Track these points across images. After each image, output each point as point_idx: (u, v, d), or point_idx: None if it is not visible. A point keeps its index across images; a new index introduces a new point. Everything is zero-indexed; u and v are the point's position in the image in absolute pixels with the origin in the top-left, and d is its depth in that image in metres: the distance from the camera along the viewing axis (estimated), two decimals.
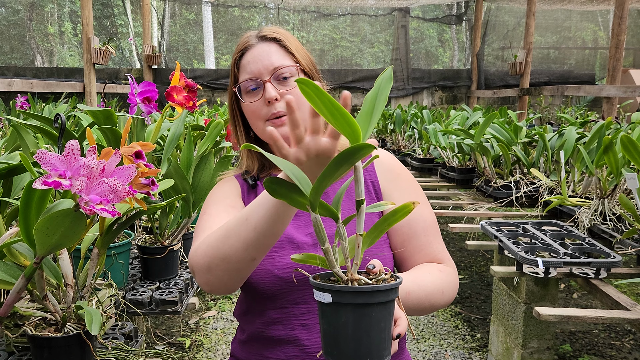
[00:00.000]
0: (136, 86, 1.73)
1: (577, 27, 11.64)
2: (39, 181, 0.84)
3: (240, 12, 13.06)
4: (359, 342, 0.67)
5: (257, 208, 0.82)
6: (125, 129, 1.23)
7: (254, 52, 1.04)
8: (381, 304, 0.67)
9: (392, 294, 0.68)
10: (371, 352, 0.67)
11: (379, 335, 0.67)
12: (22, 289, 1.01)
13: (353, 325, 0.66)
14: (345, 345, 0.67)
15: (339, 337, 0.67)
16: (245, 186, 1.10)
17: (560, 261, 1.89)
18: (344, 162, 0.61)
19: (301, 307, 0.96)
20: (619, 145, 2.00)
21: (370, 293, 0.66)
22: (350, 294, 0.66)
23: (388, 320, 0.69)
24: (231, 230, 0.85)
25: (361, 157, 0.62)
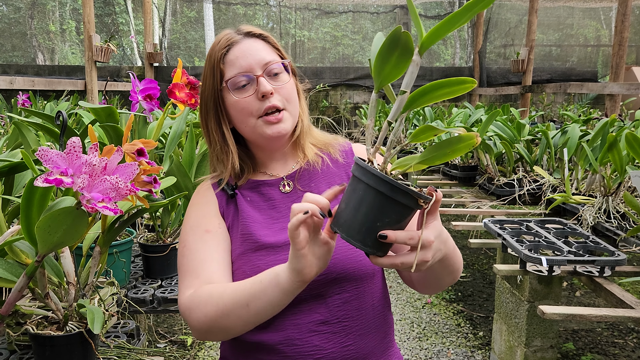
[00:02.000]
0: (138, 83, 1.72)
1: (580, 24, 11.60)
2: (41, 179, 0.83)
3: (243, 9, 13.04)
4: (345, 213, 0.74)
5: (260, 297, 0.87)
6: (127, 127, 1.22)
7: (242, 47, 1.02)
8: (373, 189, 0.71)
9: (385, 186, 0.70)
10: (345, 225, 0.74)
11: (362, 217, 0.72)
12: (23, 287, 1.00)
13: (349, 194, 0.74)
14: (338, 209, 0.76)
15: (347, 207, 0.75)
16: (224, 197, 1.06)
17: (564, 259, 1.88)
18: (394, 46, 0.67)
19: (293, 309, 0.95)
20: (624, 143, 1.99)
21: (362, 169, 0.72)
22: (356, 166, 0.74)
23: (376, 211, 0.71)
24: (230, 310, 0.89)
25: (406, 44, 0.66)
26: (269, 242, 0.98)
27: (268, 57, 1.02)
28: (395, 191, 0.70)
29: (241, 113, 1.02)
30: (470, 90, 6.90)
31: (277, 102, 1.00)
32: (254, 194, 1.06)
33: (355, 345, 0.96)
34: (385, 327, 1.03)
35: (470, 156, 3.64)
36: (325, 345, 0.94)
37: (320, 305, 0.95)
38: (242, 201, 1.04)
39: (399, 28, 0.64)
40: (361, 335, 0.97)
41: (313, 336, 0.94)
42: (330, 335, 0.95)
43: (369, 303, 0.99)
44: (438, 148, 0.71)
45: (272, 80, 1.01)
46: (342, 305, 0.96)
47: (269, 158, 1.09)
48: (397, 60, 0.68)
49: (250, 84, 1.00)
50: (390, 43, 0.66)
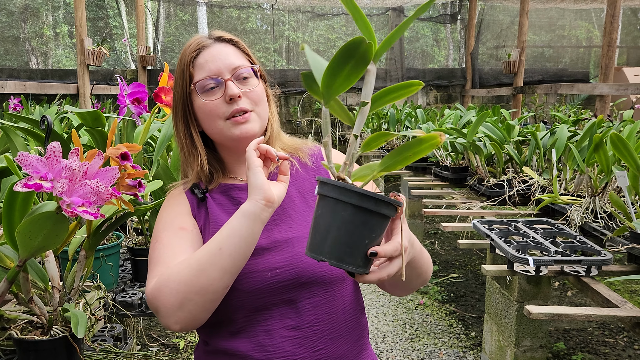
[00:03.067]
0: (126, 87, 1.72)
1: (571, 25, 11.67)
2: (20, 184, 0.83)
3: (236, 12, 13.04)
4: (325, 238, 0.69)
5: (230, 236, 0.86)
6: (111, 130, 1.22)
7: (212, 51, 1.03)
8: (353, 206, 0.68)
9: (368, 202, 0.68)
10: (332, 251, 0.69)
11: (345, 238, 0.69)
12: (4, 292, 1.00)
13: (324, 219, 0.70)
14: (314, 237, 0.71)
15: (314, 229, 0.71)
16: (195, 200, 1.06)
17: (551, 259, 1.90)
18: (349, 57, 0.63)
19: (264, 314, 0.95)
20: (609, 144, 2.01)
21: (343, 189, 0.68)
22: (327, 186, 0.70)
23: (360, 229, 0.69)
24: (205, 262, 0.86)
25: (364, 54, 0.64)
26: None
27: (237, 61, 1.03)
28: (379, 204, 0.69)
29: (209, 116, 1.02)
30: (463, 92, 6.93)
31: (245, 105, 1.01)
32: (224, 197, 1.06)
33: (326, 349, 0.96)
34: (358, 330, 1.03)
35: (461, 157, 3.66)
36: (297, 350, 0.94)
37: (291, 310, 0.95)
38: (213, 205, 1.04)
39: (359, 38, 0.62)
40: (333, 339, 0.97)
41: (285, 341, 0.94)
42: (302, 340, 0.94)
43: (340, 307, 0.99)
44: (398, 153, 0.71)
45: (241, 84, 1.02)
46: (312, 309, 0.96)
47: (238, 162, 1.09)
48: (350, 72, 0.66)
49: (218, 87, 1.01)
50: (345, 54, 0.63)
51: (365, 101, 0.69)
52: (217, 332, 1.00)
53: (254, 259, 0.95)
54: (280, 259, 0.95)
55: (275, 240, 0.98)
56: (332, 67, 0.64)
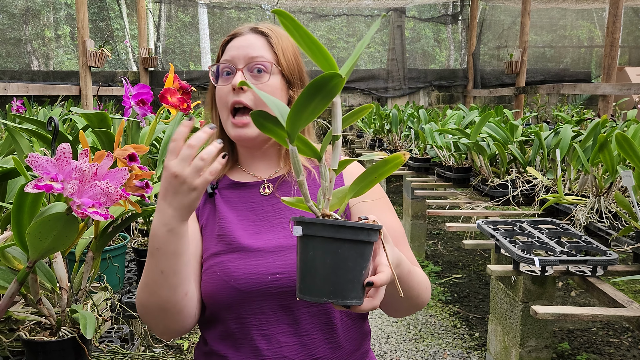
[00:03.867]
0: (130, 88, 1.72)
1: (573, 25, 11.67)
2: (31, 185, 0.83)
3: (237, 13, 13.06)
4: (324, 279, 0.68)
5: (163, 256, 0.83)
6: (119, 132, 1.22)
7: (241, 40, 1.02)
8: (349, 241, 0.67)
9: (362, 234, 0.68)
10: (335, 290, 0.68)
11: (345, 274, 0.68)
12: (15, 293, 1.00)
13: (319, 260, 0.68)
14: (311, 280, 0.69)
15: (307, 271, 0.69)
16: (204, 194, 1.05)
17: (557, 259, 1.89)
18: (317, 93, 0.62)
19: (259, 318, 0.94)
20: (614, 143, 2.01)
21: (336, 227, 0.67)
22: (317, 226, 0.67)
23: (358, 262, 0.68)
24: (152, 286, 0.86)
25: (333, 88, 0.62)
26: (243, 245, 0.96)
27: (256, 53, 1.00)
28: (371, 234, 0.69)
29: (219, 102, 1.02)
30: (465, 92, 6.94)
31: (245, 100, 0.98)
32: (233, 194, 1.04)
33: (325, 357, 0.95)
34: (359, 339, 1.02)
35: (464, 157, 3.66)
36: (295, 356, 0.93)
37: (288, 317, 0.94)
38: (220, 201, 1.03)
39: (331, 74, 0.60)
40: (332, 349, 0.96)
41: (282, 347, 0.93)
42: (300, 347, 0.93)
43: (338, 318, 0.97)
44: (365, 177, 0.72)
45: (253, 78, 1.00)
46: (310, 318, 0.94)
47: (250, 155, 1.08)
48: (316, 106, 0.64)
49: (231, 74, 1.01)
50: (313, 89, 0.61)
51: (337, 134, 0.69)
52: (214, 332, 0.99)
53: (256, 259, 0.94)
54: (282, 264, 0.94)
55: (279, 245, 0.96)
56: (298, 104, 0.63)
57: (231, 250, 0.96)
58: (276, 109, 0.65)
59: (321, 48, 0.63)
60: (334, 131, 0.68)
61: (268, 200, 1.03)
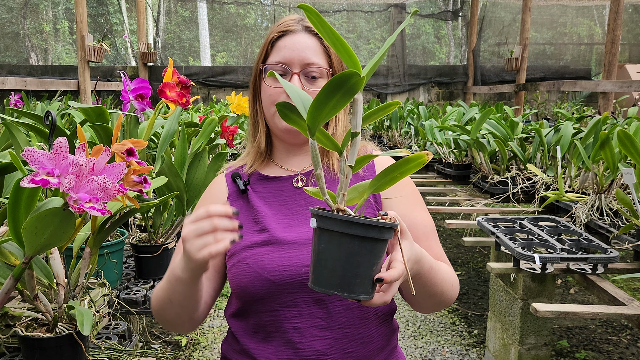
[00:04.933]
0: (129, 83, 1.71)
1: (573, 22, 11.65)
2: (27, 179, 0.82)
3: (236, 9, 13.02)
4: (333, 272, 0.69)
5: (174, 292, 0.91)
6: (117, 126, 1.21)
7: (295, 38, 1.01)
8: (359, 237, 0.68)
9: (373, 231, 0.69)
10: (342, 283, 0.69)
11: (354, 269, 0.69)
12: (10, 289, 0.99)
13: (329, 253, 0.69)
14: (321, 272, 0.71)
15: (318, 263, 0.71)
16: (235, 189, 1.07)
17: (557, 257, 1.88)
18: (337, 89, 0.63)
19: (292, 310, 0.94)
20: (616, 140, 2.00)
21: (347, 223, 0.68)
22: (329, 220, 0.69)
23: (367, 258, 0.69)
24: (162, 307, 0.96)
25: (353, 86, 0.63)
26: (277, 238, 0.97)
27: (313, 58, 1.00)
28: (383, 232, 0.70)
29: (267, 99, 1.03)
30: (465, 89, 6.90)
31: None
32: (265, 188, 1.06)
33: (357, 352, 0.95)
34: (388, 334, 1.03)
35: (464, 154, 3.64)
36: (328, 350, 0.93)
37: (321, 310, 0.94)
38: (254, 196, 1.05)
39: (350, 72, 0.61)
40: (364, 344, 0.96)
41: (315, 340, 0.93)
42: (333, 342, 0.94)
43: (372, 312, 0.98)
44: (386, 174, 0.72)
45: (308, 83, 1.01)
46: (343, 312, 0.95)
47: (287, 151, 1.09)
48: (337, 102, 0.65)
49: (285, 75, 1.01)
50: (334, 86, 0.63)
51: (357, 131, 0.69)
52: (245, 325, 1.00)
53: (290, 252, 0.95)
54: None
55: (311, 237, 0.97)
56: (319, 99, 0.64)
57: (265, 243, 0.97)
58: (300, 102, 0.67)
59: (345, 45, 0.64)
60: (354, 128, 0.69)
61: (300, 193, 1.04)
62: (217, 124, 2.06)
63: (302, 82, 1.00)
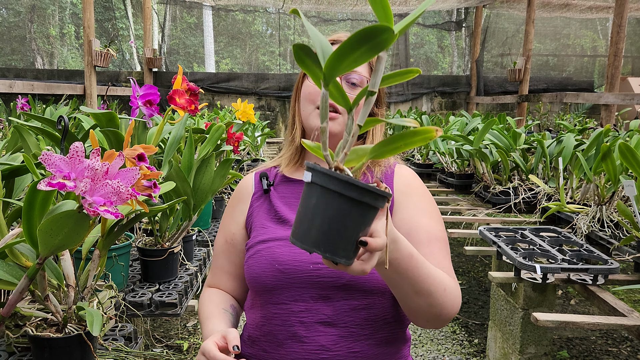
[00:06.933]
0: (138, 89, 1.74)
1: (576, 34, 11.70)
2: (44, 182, 0.85)
3: (242, 16, 13.10)
4: (319, 230, 0.67)
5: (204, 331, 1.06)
6: (128, 132, 1.24)
7: None
8: (353, 200, 0.66)
9: (368, 196, 0.66)
10: (326, 243, 0.67)
11: (342, 231, 0.67)
12: (24, 289, 1.01)
13: (319, 210, 0.67)
14: (306, 228, 0.68)
15: (305, 218, 0.68)
16: (261, 188, 1.15)
17: (558, 267, 1.90)
18: (364, 42, 0.59)
19: (300, 305, 0.97)
20: (617, 153, 2.02)
21: (344, 183, 0.65)
22: (327, 177, 0.66)
23: (357, 222, 0.67)
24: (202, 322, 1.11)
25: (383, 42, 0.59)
26: None
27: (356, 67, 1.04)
28: (378, 199, 0.67)
29: (306, 97, 1.09)
30: (468, 99, 6.93)
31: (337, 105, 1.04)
32: (287, 189, 1.12)
33: (363, 353, 0.97)
34: (399, 343, 1.04)
35: (466, 164, 3.67)
36: (332, 347, 0.95)
37: (327, 307, 0.97)
38: (275, 197, 1.11)
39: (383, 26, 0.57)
40: (370, 346, 0.98)
41: (321, 336, 0.96)
42: (337, 339, 0.96)
43: (380, 316, 0.99)
44: (391, 142, 0.68)
45: (348, 88, 1.06)
46: (350, 311, 0.97)
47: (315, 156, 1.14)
48: (360, 56, 0.61)
49: None
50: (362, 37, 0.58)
51: (374, 90, 0.65)
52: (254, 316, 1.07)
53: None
54: None
55: None
56: (343, 48, 0.59)
57: (280, 238, 1.03)
58: (320, 48, 0.62)
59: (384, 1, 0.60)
60: (371, 86, 0.65)
61: None
62: (224, 131, 2.08)
63: (342, 84, 1.05)
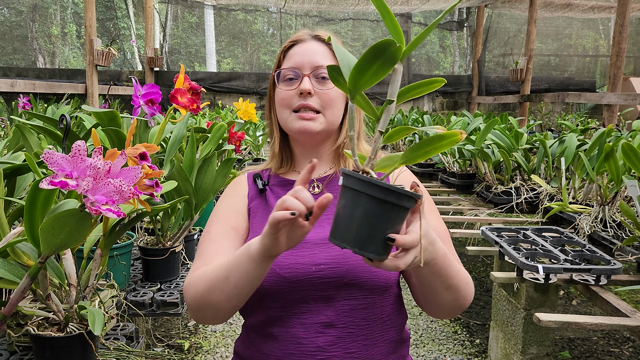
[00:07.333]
0: (140, 88, 1.73)
1: (578, 34, 11.68)
2: (46, 181, 0.84)
3: (243, 15, 13.10)
4: (349, 228, 0.73)
5: (236, 268, 0.88)
6: (130, 131, 1.23)
7: (304, 46, 1.09)
8: (378, 200, 0.71)
9: (391, 196, 0.71)
10: (354, 239, 0.73)
11: (369, 229, 0.73)
12: (26, 288, 1.01)
13: (349, 210, 0.73)
14: (339, 226, 0.75)
15: (338, 217, 0.75)
16: (255, 189, 1.12)
17: (561, 267, 1.90)
18: (377, 57, 0.66)
19: (301, 307, 0.97)
20: (620, 153, 2.01)
21: (368, 184, 0.71)
22: (354, 180, 0.73)
23: (383, 220, 0.73)
24: (214, 284, 0.92)
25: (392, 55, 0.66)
26: None
27: (322, 61, 1.06)
28: (401, 198, 0.72)
29: (280, 103, 1.08)
30: (470, 99, 6.91)
31: (313, 104, 1.05)
32: (283, 191, 1.10)
33: (359, 354, 0.96)
34: (397, 342, 1.03)
35: (468, 164, 3.66)
36: (329, 347, 0.95)
37: (328, 308, 0.96)
38: (272, 197, 1.09)
39: (389, 41, 0.64)
40: (367, 346, 0.98)
41: (318, 337, 0.95)
42: (335, 339, 0.96)
43: (378, 316, 0.99)
44: (420, 147, 0.74)
45: (318, 83, 1.06)
46: (349, 311, 0.97)
47: (303, 156, 1.14)
48: (377, 70, 0.69)
49: (296, 80, 1.06)
50: (373, 54, 0.66)
51: (391, 99, 0.72)
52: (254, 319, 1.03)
53: (302, 251, 0.98)
54: (326, 255, 0.98)
55: (324, 237, 1.00)
56: (360, 65, 0.67)
57: None
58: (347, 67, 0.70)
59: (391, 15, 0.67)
60: (390, 96, 0.72)
61: (317, 197, 1.06)
62: (226, 130, 2.08)
63: (312, 83, 1.05)
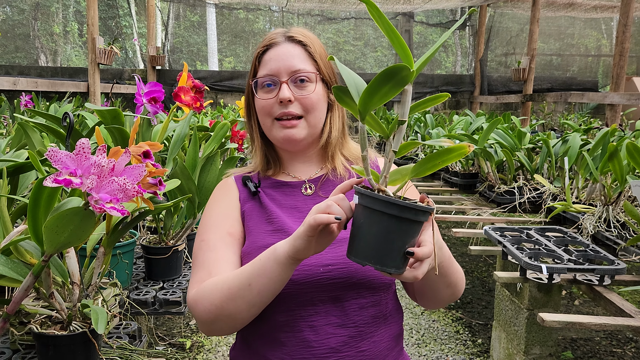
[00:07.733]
0: (143, 86, 1.73)
1: (581, 34, 11.66)
2: (50, 179, 0.84)
3: (245, 14, 13.09)
4: (368, 245, 0.75)
5: (260, 274, 0.86)
6: (134, 129, 1.23)
7: (278, 50, 1.04)
8: (395, 217, 0.73)
9: (409, 213, 0.73)
10: (376, 257, 0.75)
11: (387, 245, 0.75)
12: (30, 286, 1.01)
13: (366, 228, 0.75)
14: (357, 244, 0.77)
15: (356, 235, 0.77)
16: (246, 192, 1.09)
17: (564, 267, 1.89)
18: (388, 80, 0.68)
19: (308, 309, 0.95)
20: (624, 152, 2.00)
21: (385, 202, 0.73)
22: (369, 199, 0.74)
23: (401, 236, 0.75)
24: (235, 293, 0.88)
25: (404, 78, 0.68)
26: None
27: (299, 65, 1.03)
28: (418, 214, 0.74)
29: (261, 112, 1.05)
30: (472, 99, 6.90)
31: (294, 110, 1.02)
32: (276, 192, 1.08)
33: (370, 351, 0.97)
34: (397, 335, 1.04)
35: (471, 163, 3.65)
36: (342, 348, 0.94)
37: (337, 309, 0.96)
38: (266, 199, 1.06)
39: (401, 66, 0.65)
40: (375, 343, 0.98)
41: (330, 338, 0.94)
42: (347, 339, 0.95)
43: (383, 312, 1.00)
44: (429, 160, 0.76)
45: (297, 88, 1.02)
46: (358, 310, 0.96)
47: (291, 159, 1.11)
48: (387, 91, 0.70)
49: (274, 86, 1.03)
50: (385, 77, 0.67)
51: (403, 119, 0.74)
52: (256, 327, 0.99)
53: None
54: (333, 256, 0.96)
55: None
56: (371, 87, 0.69)
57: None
58: (354, 87, 0.73)
59: (400, 39, 0.69)
60: (401, 116, 0.74)
61: (311, 199, 1.06)
62: (229, 128, 2.08)
63: (291, 89, 1.02)
